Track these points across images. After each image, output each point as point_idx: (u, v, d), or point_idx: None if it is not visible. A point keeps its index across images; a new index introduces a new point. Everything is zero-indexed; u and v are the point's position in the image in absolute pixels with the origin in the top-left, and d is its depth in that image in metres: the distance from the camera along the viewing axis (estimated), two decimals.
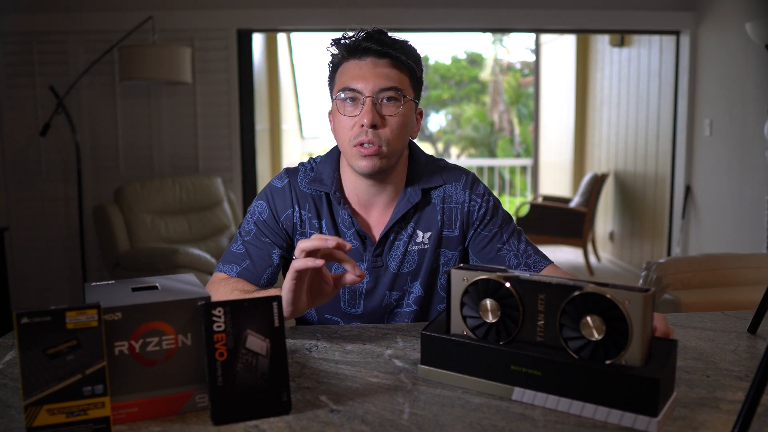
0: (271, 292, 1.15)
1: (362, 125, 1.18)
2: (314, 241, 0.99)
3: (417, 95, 1.26)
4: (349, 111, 1.21)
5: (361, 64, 1.20)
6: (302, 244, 0.99)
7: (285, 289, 1.02)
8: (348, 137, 1.21)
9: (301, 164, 1.33)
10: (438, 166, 1.34)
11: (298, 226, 1.28)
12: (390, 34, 1.23)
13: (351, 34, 1.22)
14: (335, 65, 1.25)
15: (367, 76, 1.19)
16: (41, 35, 4.02)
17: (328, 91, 1.29)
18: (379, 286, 1.28)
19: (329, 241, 0.99)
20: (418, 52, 1.26)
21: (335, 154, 1.32)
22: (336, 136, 1.26)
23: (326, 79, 1.29)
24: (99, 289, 0.84)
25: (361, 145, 1.19)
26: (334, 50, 1.24)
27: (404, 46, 1.23)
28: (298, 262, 0.99)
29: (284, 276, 1.34)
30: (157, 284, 0.85)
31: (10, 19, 4.00)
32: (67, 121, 3.75)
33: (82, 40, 4.03)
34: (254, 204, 1.31)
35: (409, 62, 1.22)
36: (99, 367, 0.73)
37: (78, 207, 3.75)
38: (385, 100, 1.20)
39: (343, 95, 1.20)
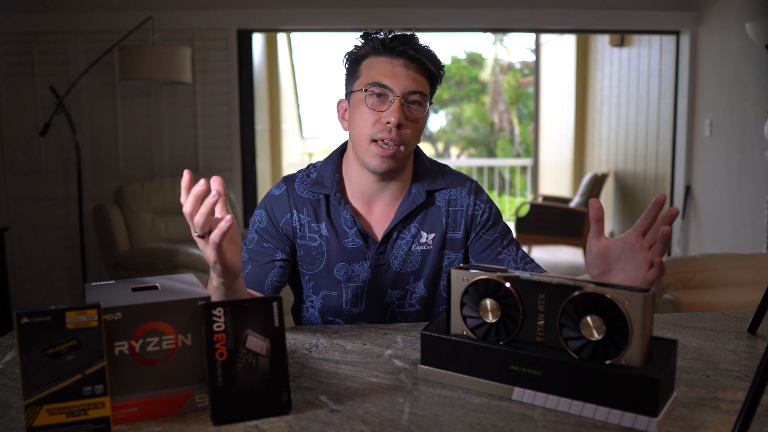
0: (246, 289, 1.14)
1: (387, 122, 1.20)
2: (189, 207, 0.95)
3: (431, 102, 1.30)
4: (375, 105, 1.22)
5: (393, 63, 1.23)
6: (193, 220, 0.95)
7: (211, 261, 0.97)
8: (368, 132, 1.22)
9: (300, 171, 1.35)
10: (442, 171, 1.36)
11: (298, 230, 1.30)
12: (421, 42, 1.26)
13: (384, 31, 1.24)
14: (359, 57, 1.26)
15: (399, 75, 1.22)
16: (41, 35, 4.02)
17: (345, 81, 1.30)
18: (381, 283, 1.29)
19: (197, 187, 0.97)
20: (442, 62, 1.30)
21: (335, 156, 1.34)
22: (351, 128, 1.26)
23: (345, 69, 1.30)
24: (99, 289, 0.84)
25: (382, 141, 1.21)
26: (361, 42, 1.26)
27: (434, 55, 1.26)
28: (215, 237, 0.93)
29: (290, 286, 1.36)
30: (157, 284, 0.85)
31: (10, 19, 4.00)
32: (67, 121, 3.75)
33: (82, 40, 4.03)
34: (254, 214, 1.34)
35: (434, 71, 1.26)
36: (99, 367, 0.73)
37: (78, 207, 3.75)
38: (411, 103, 1.23)
39: (371, 89, 1.22)
